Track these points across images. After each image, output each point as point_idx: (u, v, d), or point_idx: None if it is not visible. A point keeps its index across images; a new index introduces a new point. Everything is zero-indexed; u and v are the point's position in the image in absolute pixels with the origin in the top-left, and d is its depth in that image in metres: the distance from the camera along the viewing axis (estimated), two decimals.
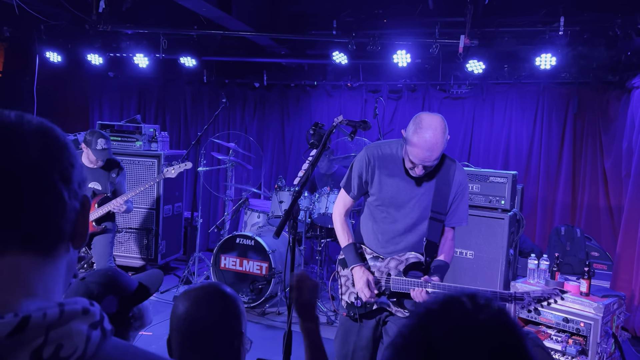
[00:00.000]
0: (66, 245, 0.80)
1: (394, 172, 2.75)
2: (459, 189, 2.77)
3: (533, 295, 2.51)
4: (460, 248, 4.60)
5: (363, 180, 2.82)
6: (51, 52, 6.98)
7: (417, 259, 2.74)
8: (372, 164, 2.77)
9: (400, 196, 2.75)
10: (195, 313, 1.60)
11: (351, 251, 2.81)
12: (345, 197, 2.92)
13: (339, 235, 2.90)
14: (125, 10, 5.81)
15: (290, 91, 7.60)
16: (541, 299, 2.50)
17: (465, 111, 6.70)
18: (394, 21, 5.88)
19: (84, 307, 0.73)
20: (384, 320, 2.86)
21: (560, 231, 5.63)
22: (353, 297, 2.84)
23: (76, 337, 0.69)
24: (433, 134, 2.50)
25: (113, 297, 1.73)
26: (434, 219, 2.75)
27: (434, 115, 2.59)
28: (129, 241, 6.38)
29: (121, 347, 0.78)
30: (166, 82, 8.07)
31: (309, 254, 6.67)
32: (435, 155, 2.53)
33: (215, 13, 5.32)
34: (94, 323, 0.73)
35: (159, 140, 6.49)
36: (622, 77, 5.66)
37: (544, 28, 5.31)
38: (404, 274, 2.73)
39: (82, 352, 0.69)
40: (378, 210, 2.83)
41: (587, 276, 3.94)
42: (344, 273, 2.91)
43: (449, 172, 2.73)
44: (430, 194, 2.74)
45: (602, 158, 5.99)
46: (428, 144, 2.50)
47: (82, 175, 0.83)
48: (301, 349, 1.93)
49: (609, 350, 3.85)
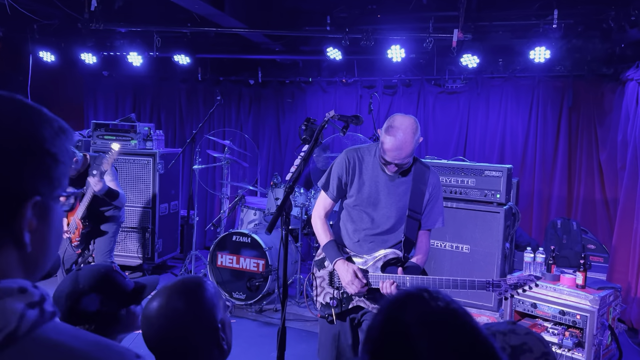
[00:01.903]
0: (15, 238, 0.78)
1: (373, 174, 2.84)
2: (433, 190, 2.88)
3: (509, 282, 2.65)
4: (456, 242, 4.61)
5: (343, 182, 2.90)
6: (44, 52, 6.96)
7: (395, 255, 2.81)
8: (351, 165, 2.87)
9: (378, 196, 2.83)
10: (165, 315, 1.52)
11: (332, 247, 2.86)
12: (325, 199, 2.99)
13: (319, 235, 2.95)
14: (117, 9, 5.79)
15: (285, 88, 7.58)
16: (517, 285, 2.63)
17: (461, 105, 6.69)
18: (388, 16, 5.87)
19: (21, 286, 0.73)
20: (360, 320, 2.89)
21: (557, 224, 5.64)
22: (328, 298, 2.88)
23: (8, 313, 0.70)
24: (403, 134, 2.65)
25: (96, 296, 1.72)
26: (411, 217, 2.85)
27: (406, 117, 2.74)
28: (126, 240, 6.37)
29: (66, 331, 0.77)
30: (160, 81, 8.05)
31: (306, 251, 6.67)
32: (404, 153, 2.66)
33: (208, 10, 5.30)
34: (32, 303, 0.73)
35: (154, 138, 6.47)
36: (616, 70, 5.65)
37: (538, 21, 5.30)
38: (382, 270, 2.79)
39: (14, 329, 0.70)
40: (355, 210, 2.89)
41: (583, 269, 3.94)
42: (320, 274, 2.95)
43: (423, 175, 2.86)
44: (407, 194, 2.84)
45: (597, 151, 5.99)
46: (398, 143, 2.64)
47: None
48: (296, 345, 1.93)
49: (605, 342, 3.86)
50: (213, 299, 1.58)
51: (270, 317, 5.18)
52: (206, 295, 1.57)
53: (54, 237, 0.85)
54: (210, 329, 1.54)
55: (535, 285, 2.66)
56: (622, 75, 5.48)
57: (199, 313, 1.53)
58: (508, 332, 1.37)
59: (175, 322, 1.51)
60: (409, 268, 2.78)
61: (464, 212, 4.54)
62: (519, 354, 1.33)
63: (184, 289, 1.57)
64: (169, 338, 1.51)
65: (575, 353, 3.80)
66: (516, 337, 1.36)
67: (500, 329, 1.39)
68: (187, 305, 1.52)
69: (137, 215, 6.38)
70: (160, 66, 7.55)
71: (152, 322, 1.52)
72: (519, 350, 1.33)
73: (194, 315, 1.52)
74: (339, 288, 2.88)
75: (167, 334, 1.51)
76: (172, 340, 1.50)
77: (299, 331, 4.83)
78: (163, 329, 1.51)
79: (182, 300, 1.53)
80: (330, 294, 2.88)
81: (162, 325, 1.51)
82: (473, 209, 4.54)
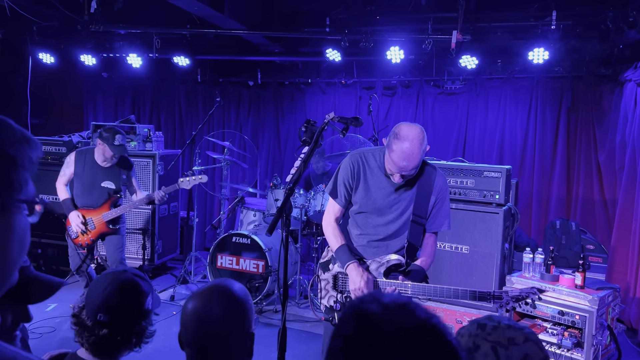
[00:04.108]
0: None
1: (377, 179, 2.81)
2: (439, 194, 2.83)
3: (511, 294, 2.60)
4: (456, 243, 4.62)
5: (348, 187, 2.87)
6: (44, 53, 6.96)
7: (397, 261, 2.80)
8: (356, 170, 2.83)
9: (383, 202, 2.81)
10: (209, 313, 1.56)
11: (344, 251, 2.83)
12: (334, 206, 2.95)
13: (330, 241, 2.91)
14: (117, 11, 5.79)
15: (285, 89, 7.59)
16: (519, 297, 2.58)
17: (460, 107, 6.70)
18: (387, 17, 5.88)
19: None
20: None
21: (556, 225, 5.65)
22: (332, 301, 2.88)
23: None
24: (410, 145, 2.57)
25: (152, 297, 1.80)
26: (415, 222, 2.81)
27: (412, 126, 2.64)
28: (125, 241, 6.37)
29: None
30: (160, 82, 8.06)
31: (306, 252, 6.68)
32: (412, 165, 2.60)
33: (207, 12, 5.31)
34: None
35: (153, 140, 6.47)
36: (614, 70, 5.67)
37: (536, 22, 5.32)
38: (385, 275, 2.78)
39: None
40: (359, 217, 2.88)
41: (582, 269, 3.95)
42: (324, 277, 2.95)
43: (429, 178, 2.80)
44: (411, 199, 2.80)
45: (596, 151, 6.00)
46: (405, 154, 2.57)
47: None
48: (296, 345, 1.94)
49: (604, 342, 3.87)
50: (251, 309, 1.63)
51: (270, 318, 5.18)
52: (248, 303, 1.62)
53: (16, 244, 0.81)
54: (246, 335, 1.59)
55: (538, 298, 2.62)
56: (621, 76, 5.49)
57: (238, 313, 1.58)
58: (508, 343, 1.37)
59: (215, 321, 1.55)
60: (412, 271, 2.77)
61: (463, 213, 4.55)
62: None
63: (224, 291, 1.61)
64: (205, 337, 1.54)
65: (575, 353, 3.81)
66: (517, 348, 1.36)
67: (499, 340, 1.38)
68: (228, 305, 1.58)
69: (137, 216, 6.38)
70: (159, 68, 7.56)
71: (193, 321, 1.56)
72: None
73: (234, 314, 1.57)
74: (342, 292, 2.88)
75: (203, 333, 1.54)
76: (209, 339, 1.54)
77: (299, 332, 4.84)
78: (200, 328, 1.55)
79: (222, 300, 1.58)
80: (334, 297, 2.88)
81: (200, 324, 1.55)
82: (472, 209, 4.55)
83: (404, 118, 6.73)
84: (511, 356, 1.35)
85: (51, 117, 7.99)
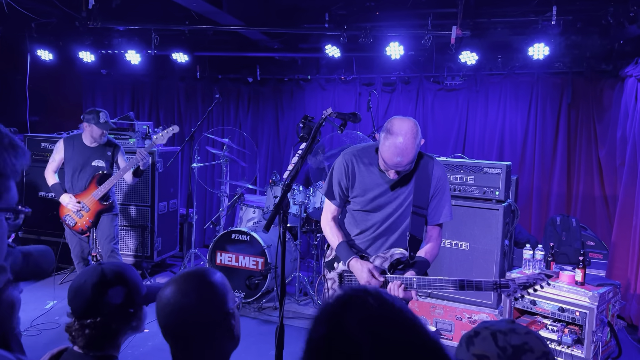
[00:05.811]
0: None
1: (372, 176, 2.76)
2: (438, 183, 2.77)
3: (518, 282, 2.48)
4: (455, 239, 4.60)
5: (343, 187, 2.83)
6: (42, 50, 6.94)
7: (401, 255, 2.76)
8: (350, 169, 2.78)
9: (381, 199, 2.77)
10: (180, 302, 1.56)
11: (344, 248, 2.80)
12: (330, 206, 2.92)
13: (329, 239, 2.88)
14: (115, 7, 5.78)
15: (284, 85, 7.57)
16: (527, 285, 2.46)
17: (460, 103, 6.68)
18: (386, 13, 5.85)
19: None
20: None
21: (556, 221, 5.63)
22: None
23: None
24: (403, 140, 2.50)
25: (121, 289, 1.75)
26: (416, 214, 2.75)
27: (405, 120, 2.57)
28: (125, 239, 6.36)
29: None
30: (159, 79, 8.03)
31: (305, 249, 6.67)
32: (406, 160, 2.53)
33: (206, 8, 5.29)
34: None
35: (152, 136, 6.45)
36: (615, 66, 5.65)
37: (537, 18, 5.29)
38: (389, 270, 2.74)
39: None
40: (359, 214, 2.84)
41: (583, 265, 3.94)
42: (330, 276, 2.91)
43: (427, 168, 2.74)
44: (410, 192, 2.75)
45: (596, 147, 5.98)
46: (398, 150, 2.50)
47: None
48: (294, 342, 1.92)
49: (604, 338, 3.86)
50: (222, 286, 1.63)
51: (269, 315, 5.18)
52: (215, 280, 1.62)
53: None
54: (222, 313, 1.59)
55: (547, 284, 2.48)
56: (621, 72, 5.47)
57: (211, 297, 1.58)
58: (508, 331, 1.37)
59: (188, 308, 1.55)
60: (417, 263, 2.71)
61: (463, 210, 4.53)
62: (520, 354, 1.33)
63: (194, 276, 1.62)
64: (183, 324, 1.55)
65: (575, 350, 3.80)
66: (517, 336, 1.36)
67: (501, 329, 1.38)
68: (198, 291, 1.58)
69: (136, 213, 6.38)
70: (158, 64, 7.53)
71: (166, 309, 1.56)
72: (521, 350, 1.33)
73: (207, 298, 1.57)
74: None
75: (181, 321, 1.55)
76: (186, 326, 1.55)
77: (298, 329, 4.82)
78: (176, 316, 1.55)
79: (193, 285, 1.58)
80: None
81: (175, 312, 1.55)
82: (472, 206, 4.54)
83: (404, 114, 6.64)
84: (510, 341, 1.34)
85: (50, 114, 7.96)
